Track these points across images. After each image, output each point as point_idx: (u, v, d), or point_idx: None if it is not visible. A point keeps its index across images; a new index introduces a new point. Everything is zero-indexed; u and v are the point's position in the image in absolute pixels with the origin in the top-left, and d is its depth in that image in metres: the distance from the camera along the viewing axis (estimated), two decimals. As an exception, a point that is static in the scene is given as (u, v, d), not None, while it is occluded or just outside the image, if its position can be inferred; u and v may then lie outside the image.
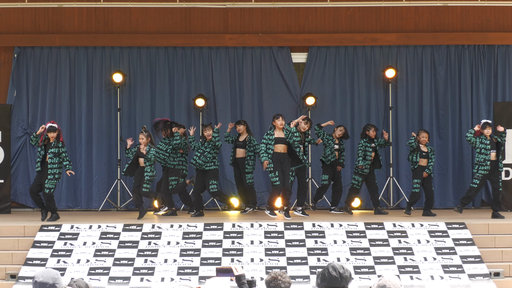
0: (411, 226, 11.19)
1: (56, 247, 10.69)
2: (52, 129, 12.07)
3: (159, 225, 11.27)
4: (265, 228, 11.15)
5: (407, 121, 15.10)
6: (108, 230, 11.11)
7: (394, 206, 14.86)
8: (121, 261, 10.36)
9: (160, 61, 15.08)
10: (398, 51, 15.15)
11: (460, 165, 15.03)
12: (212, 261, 10.31)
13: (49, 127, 12.08)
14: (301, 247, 10.66)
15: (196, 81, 15.11)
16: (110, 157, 15.00)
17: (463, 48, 15.10)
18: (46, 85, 14.96)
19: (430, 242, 10.81)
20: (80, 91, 14.99)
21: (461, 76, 15.06)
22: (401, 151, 14.99)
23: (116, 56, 15.07)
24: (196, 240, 10.84)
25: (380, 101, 15.15)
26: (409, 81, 15.15)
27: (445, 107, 15.06)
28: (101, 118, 14.97)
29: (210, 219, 12.09)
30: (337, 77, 15.16)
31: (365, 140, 13.39)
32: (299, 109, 15.08)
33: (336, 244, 10.75)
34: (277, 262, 10.33)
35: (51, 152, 12.03)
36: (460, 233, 11.00)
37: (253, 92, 15.15)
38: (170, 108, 15.05)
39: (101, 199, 14.79)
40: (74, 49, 15.02)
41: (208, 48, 15.11)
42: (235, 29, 15.14)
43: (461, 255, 10.51)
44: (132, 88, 15.08)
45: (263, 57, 15.16)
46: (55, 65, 14.99)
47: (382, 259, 10.38)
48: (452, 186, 15.02)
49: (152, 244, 10.77)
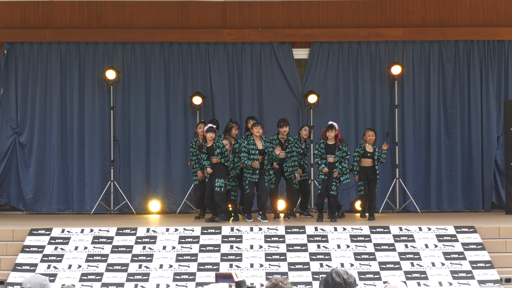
0: (418, 230, 11.19)
1: (46, 251, 10.69)
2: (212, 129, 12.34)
3: (154, 229, 11.28)
4: (265, 232, 11.14)
5: (413, 120, 15.09)
6: (100, 234, 11.10)
7: (401, 209, 14.84)
8: (115, 267, 10.35)
9: (156, 57, 15.06)
10: (404, 47, 15.14)
11: (469, 166, 14.99)
12: (210, 267, 10.30)
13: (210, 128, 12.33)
14: (303, 252, 10.65)
15: (193, 78, 15.09)
16: (103, 157, 14.97)
17: (472, 43, 15.09)
18: (36, 82, 14.94)
19: (438, 247, 10.81)
20: (71, 88, 14.97)
21: (470, 73, 15.05)
22: (407, 152, 15.00)
23: (110, 52, 15.05)
24: (193, 244, 10.83)
25: (385, 99, 15.14)
26: (416, 78, 15.14)
27: (453, 106, 15.05)
28: (94, 117, 14.94)
29: (207, 223, 12.07)
30: (341, 74, 15.14)
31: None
32: (301, 107, 15.08)
33: (339, 248, 10.74)
34: (278, 267, 10.32)
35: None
36: (470, 237, 11.00)
37: (253, 89, 15.14)
38: (166, 107, 15.05)
39: (94, 201, 14.75)
40: (65, 44, 15.00)
41: (206, 44, 15.08)
42: (233, 23, 15.12)
43: (470, 260, 10.51)
44: (126, 86, 15.06)
45: (263, 53, 15.14)
46: (45, 62, 14.98)
47: (388, 265, 10.37)
48: (461, 188, 14.99)
49: (147, 249, 10.76)
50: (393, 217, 13.48)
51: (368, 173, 12.89)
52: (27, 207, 14.87)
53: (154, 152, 15.00)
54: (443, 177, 14.89)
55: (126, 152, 15.01)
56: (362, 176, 12.97)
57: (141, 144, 14.99)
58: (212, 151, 12.32)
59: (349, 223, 11.79)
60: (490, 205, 14.94)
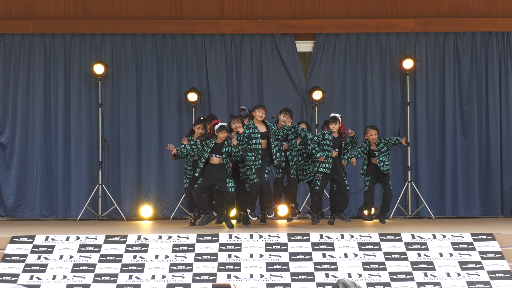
0: (432, 237, 11.18)
1: (29, 261, 10.62)
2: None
3: (145, 236, 11.29)
4: (266, 240, 11.12)
5: (427, 118, 15.12)
6: (87, 242, 11.07)
7: (413, 214, 14.87)
8: (103, 277, 10.30)
9: (147, 50, 15.10)
10: (416, 39, 15.18)
11: (487, 168, 15.03)
12: (206, 277, 10.26)
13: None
14: (307, 261, 10.60)
15: (188, 73, 15.12)
16: (91, 159, 15.00)
17: (491, 35, 15.13)
18: (18, 77, 14.97)
19: (453, 256, 10.77)
20: (56, 84, 15.01)
21: (488, 67, 15.09)
22: (420, 153, 15.04)
23: (97, 44, 15.09)
24: (187, 253, 10.80)
25: (396, 96, 15.17)
26: (429, 73, 15.17)
27: (470, 103, 15.08)
28: (80, 114, 14.97)
29: (203, 229, 12.04)
30: (348, 68, 15.18)
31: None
32: (305, 104, 15.12)
33: (346, 257, 10.70)
34: (279, 278, 10.28)
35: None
36: (488, 245, 10.95)
37: (253, 85, 15.17)
38: (159, 104, 15.09)
39: (80, 206, 14.77)
40: (49, 36, 15.04)
41: (202, 36, 15.12)
42: (232, 13, 15.16)
43: (488, 270, 10.45)
44: (116, 81, 15.10)
45: (264, 46, 15.18)
46: (28, 55, 15.01)
47: (399, 275, 10.32)
48: (479, 192, 15.03)
49: (137, 258, 10.72)
50: (404, 224, 13.47)
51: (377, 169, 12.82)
52: (8, 212, 14.88)
53: (146, 153, 15.02)
54: (459, 180, 14.92)
55: (115, 153, 15.04)
56: (370, 172, 12.92)
57: (131, 145, 15.02)
58: (219, 149, 12.20)
59: (357, 230, 11.80)
60: (510, 211, 14.96)
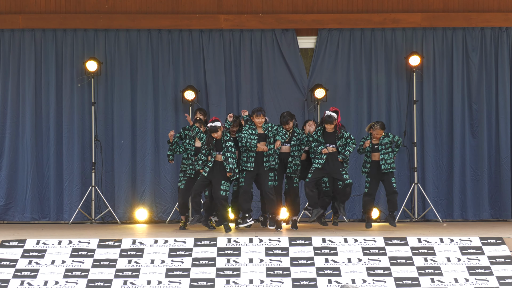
0: (439, 241, 11.17)
1: (19, 266, 10.62)
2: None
3: (141, 240, 11.23)
4: (266, 244, 11.12)
5: (434, 117, 15.12)
6: (80, 246, 11.06)
7: (420, 218, 14.88)
8: (96, 283, 10.27)
9: (142, 46, 15.08)
10: (423, 35, 15.16)
11: (497, 169, 15.04)
12: (204, 283, 10.24)
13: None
14: (309, 267, 10.60)
15: (184, 70, 15.11)
16: (83, 159, 14.98)
17: (501, 30, 15.11)
18: (8, 74, 14.96)
19: (461, 261, 10.77)
20: (47, 82, 14.99)
21: (498, 64, 15.08)
22: (427, 153, 15.03)
23: (90, 40, 15.06)
24: (184, 258, 10.80)
25: (402, 94, 15.16)
26: (437, 70, 15.16)
27: (479, 101, 15.07)
28: (73, 113, 14.95)
29: (201, 233, 12.06)
30: (352, 65, 15.17)
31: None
32: (307, 103, 15.10)
33: (350, 262, 10.71)
34: (280, 284, 10.27)
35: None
36: (497, 250, 10.96)
37: (252, 83, 15.16)
38: (154, 102, 15.06)
39: (73, 209, 14.77)
40: (40, 32, 15.00)
41: (199, 31, 15.10)
42: (231, 8, 15.13)
43: (498, 275, 10.43)
44: (109, 79, 15.08)
45: (264, 41, 15.16)
46: (18, 51, 14.99)
47: (404, 281, 10.32)
48: (488, 194, 15.02)
49: (132, 263, 10.71)
50: (411, 227, 13.45)
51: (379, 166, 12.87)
52: (-3, 216, 14.89)
53: (141, 153, 15.02)
54: (468, 182, 14.93)
55: (109, 153, 15.03)
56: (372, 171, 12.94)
57: (126, 145, 15.01)
58: (219, 146, 12.41)
59: (361, 234, 11.77)
60: (521, 214, 14.98)
